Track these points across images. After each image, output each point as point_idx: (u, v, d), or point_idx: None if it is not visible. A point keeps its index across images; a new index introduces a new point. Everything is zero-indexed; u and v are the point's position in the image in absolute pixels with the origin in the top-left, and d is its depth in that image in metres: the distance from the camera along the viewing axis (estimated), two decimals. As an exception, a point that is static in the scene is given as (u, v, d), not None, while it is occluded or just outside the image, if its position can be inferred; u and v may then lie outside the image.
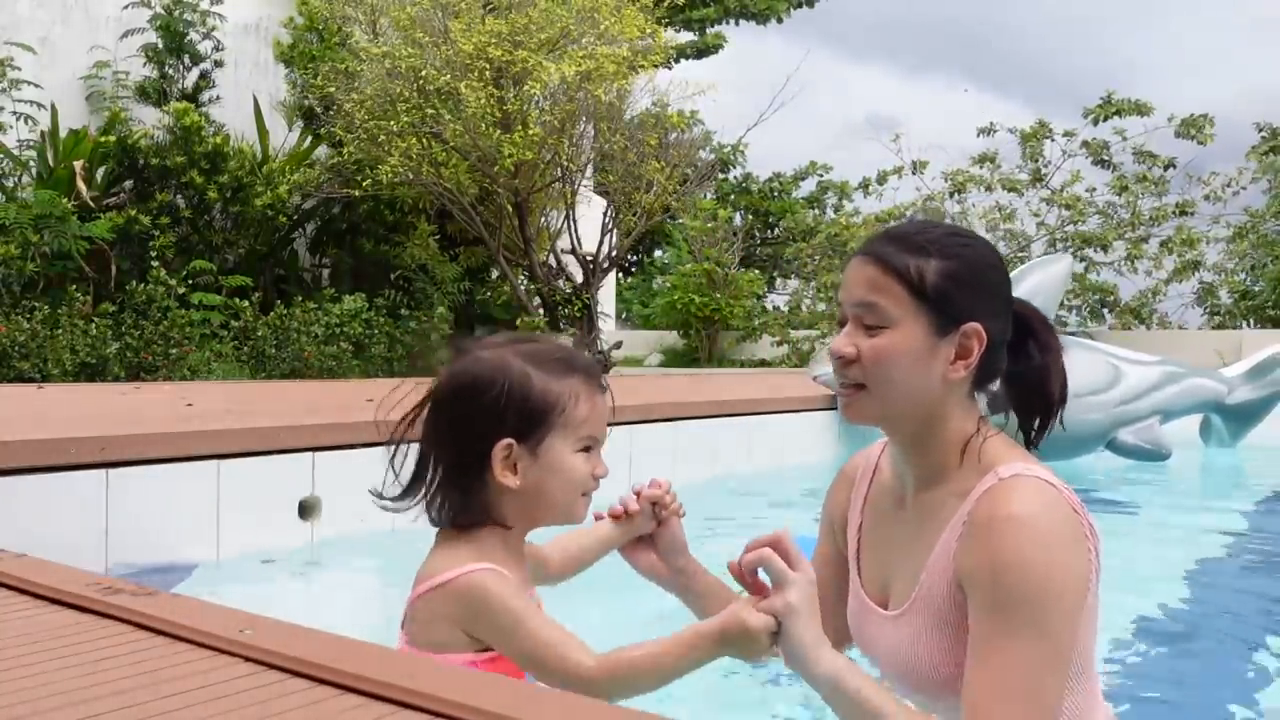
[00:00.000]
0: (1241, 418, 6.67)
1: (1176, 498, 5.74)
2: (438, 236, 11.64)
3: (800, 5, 22.57)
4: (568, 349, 1.54)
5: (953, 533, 1.39)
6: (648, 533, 1.70)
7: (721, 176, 22.85)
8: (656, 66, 11.46)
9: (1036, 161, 15.97)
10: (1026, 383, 1.49)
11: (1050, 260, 6.79)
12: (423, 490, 1.48)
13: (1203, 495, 6.00)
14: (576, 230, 11.72)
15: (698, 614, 1.67)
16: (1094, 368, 6.05)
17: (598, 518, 1.69)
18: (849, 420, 1.49)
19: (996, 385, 1.51)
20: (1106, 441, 6.01)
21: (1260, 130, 16.13)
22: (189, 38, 10.82)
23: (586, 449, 1.48)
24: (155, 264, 9.07)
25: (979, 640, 1.32)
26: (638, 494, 1.69)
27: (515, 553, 1.50)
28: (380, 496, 1.49)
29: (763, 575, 1.35)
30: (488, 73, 9.99)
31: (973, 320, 1.42)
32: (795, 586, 1.28)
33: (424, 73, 10.16)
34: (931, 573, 1.42)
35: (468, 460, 1.44)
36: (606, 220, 12.02)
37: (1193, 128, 15.18)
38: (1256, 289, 15.71)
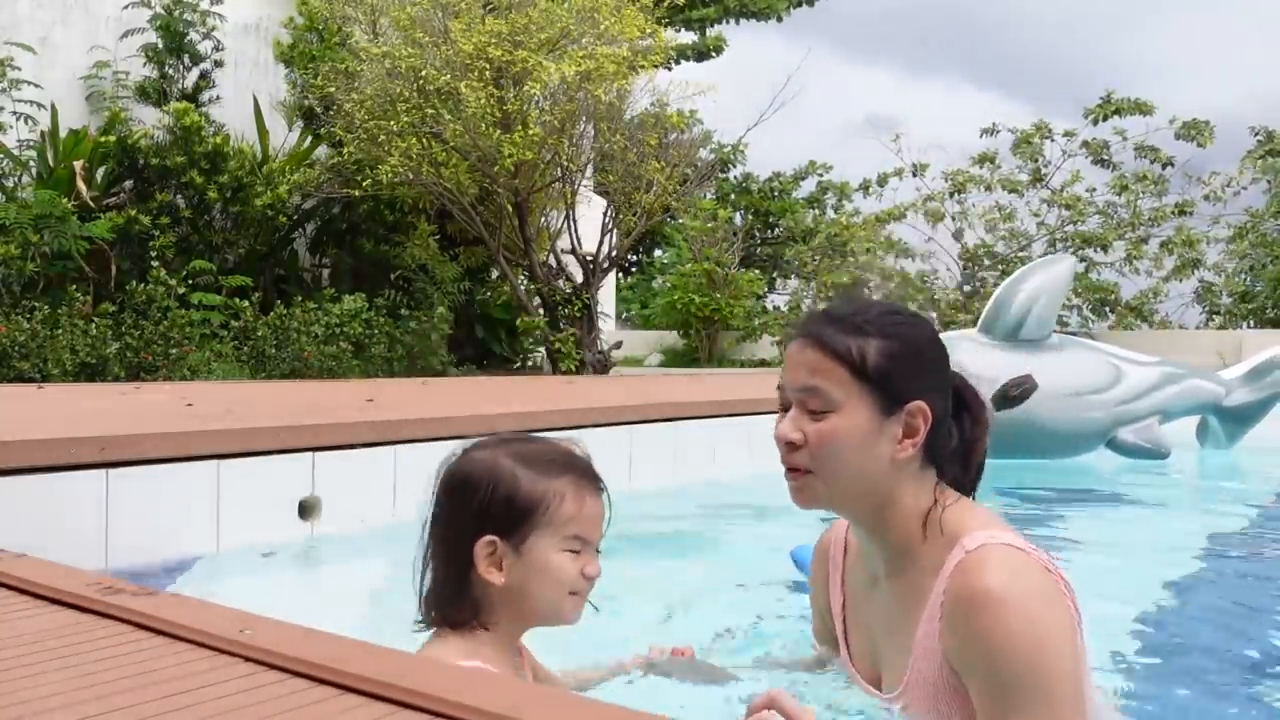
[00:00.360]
0: (1238, 420, 6.68)
1: (1175, 496, 5.75)
2: (438, 236, 11.64)
3: (800, 4, 22.55)
4: (564, 450, 1.54)
5: (932, 613, 1.39)
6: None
7: (721, 176, 22.84)
8: (656, 67, 11.46)
9: (1036, 161, 15.98)
10: (955, 454, 1.50)
11: (1053, 261, 6.80)
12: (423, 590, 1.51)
13: (1201, 494, 6.01)
14: (576, 230, 11.71)
15: None
16: (1095, 367, 6.07)
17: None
18: (800, 506, 1.48)
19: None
20: (1107, 440, 6.03)
21: (1255, 134, 16.13)
22: (189, 38, 10.82)
23: (575, 549, 1.49)
24: (155, 264, 9.07)
25: None
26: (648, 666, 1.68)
27: (506, 651, 1.51)
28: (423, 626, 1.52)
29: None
30: (488, 73, 9.99)
31: (917, 398, 1.42)
32: None
33: (424, 73, 10.16)
34: (918, 655, 1.41)
35: (458, 558, 1.47)
36: (606, 220, 12.02)
37: (1193, 130, 15.17)
38: (1256, 289, 15.72)
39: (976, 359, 5.54)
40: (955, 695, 1.38)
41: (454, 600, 1.48)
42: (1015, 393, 5.24)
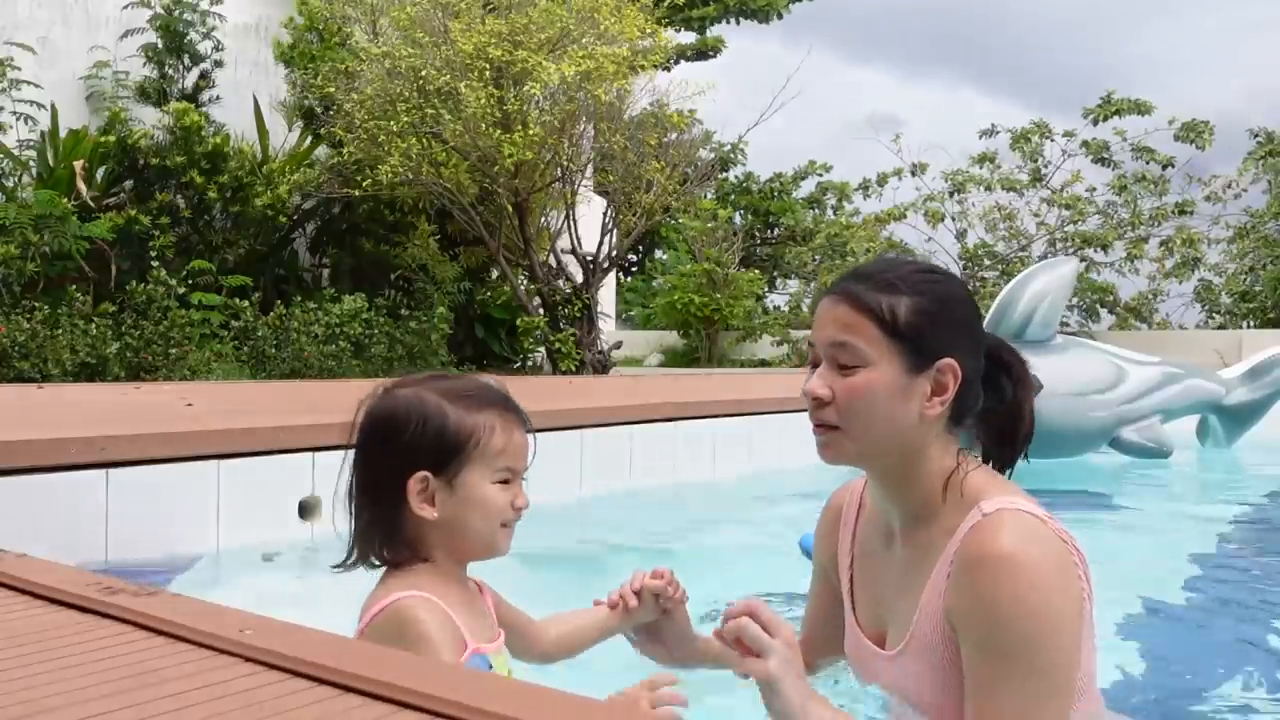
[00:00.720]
0: (1238, 419, 6.74)
1: (1178, 492, 5.81)
2: (438, 236, 11.64)
3: (799, 0, 22.55)
4: (486, 384, 1.57)
5: (941, 571, 1.40)
6: (651, 621, 1.70)
7: (721, 176, 22.83)
8: (656, 67, 11.47)
9: (1036, 161, 15.96)
10: (1000, 417, 1.49)
11: (1057, 263, 6.94)
12: (357, 533, 1.52)
13: (1202, 491, 6.05)
14: (576, 230, 11.72)
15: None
16: (1098, 368, 6.17)
17: (596, 604, 1.71)
18: (826, 461, 1.49)
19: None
20: (1110, 438, 6.12)
21: (1255, 136, 16.10)
22: (189, 38, 10.82)
23: (505, 481, 1.51)
24: (155, 264, 9.06)
25: (979, 685, 1.32)
26: (637, 591, 1.68)
27: (451, 582, 1.52)
28: (342, 566, 1.54)
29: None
30: (488, 73, 9.99)
31: (947, 356, 1.42)
32: (775, 654, 1.30)
33: (424, 73, 10.16)
34: (924, 613, 1.42)
35: (389, 496, 1.48)
36: (606, 220, 12.02)
37: (1192, 132, 15.14)
38: (1256, 289, 15.71)
39: None
40: (954, 656, 1.38)
41: (388, 539, 1.49)
42: None
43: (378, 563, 1.52)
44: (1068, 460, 6.08)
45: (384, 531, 1.50)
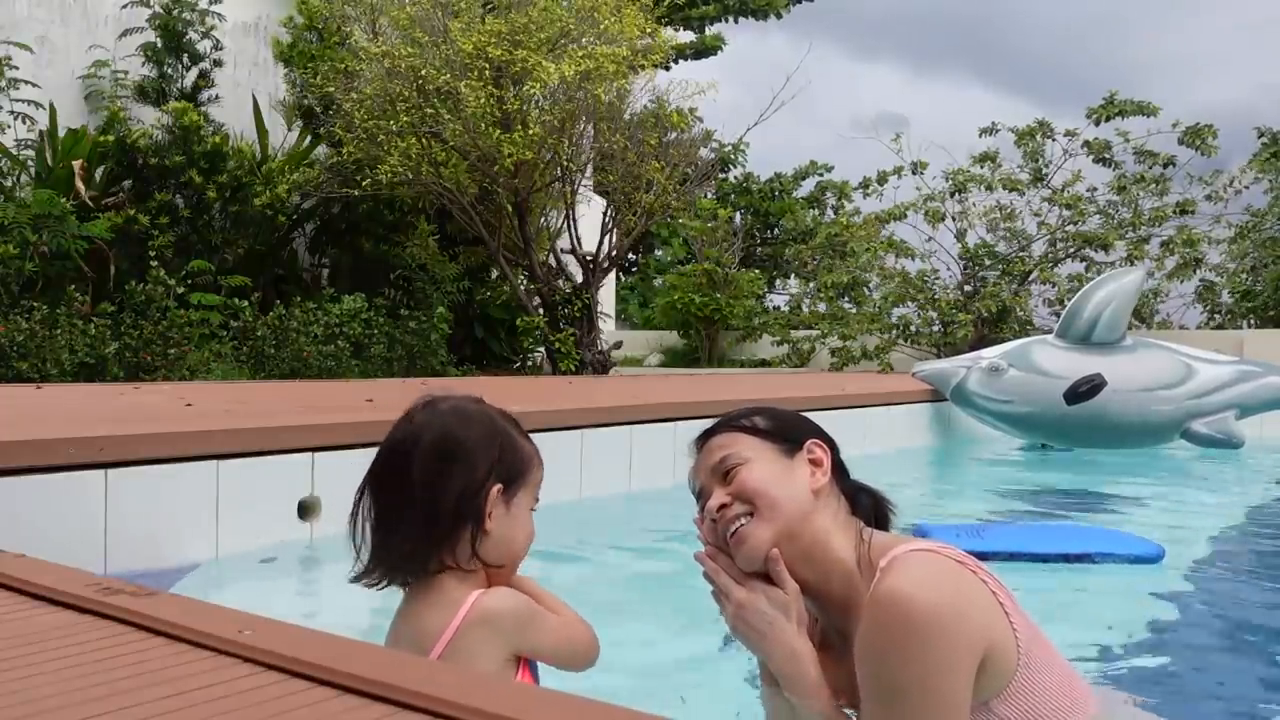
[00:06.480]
0: None
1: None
2: (437, 236, 11.63)
3: (799, 0, 22.53)
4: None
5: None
6: None
7: (722, 176, 22.80)
8: (656, 67, 11.45)
9: (1038, 161, 15.93)
10: (874, 507, 1.66)
11: (1121, 272, 7.51)
12: (396, 543, 1.55)
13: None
14: (576, 230, 11.71)
15: None
16: (1166, 366, 6.55)
17: None
18: (750, 557, 1.55)
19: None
20: (1180, 431, 6.48)
21: (1261, 136, 16.05)
22: (188, 37, 10.81)
23: (534, 509, 1.60)
24: (154, 264, 9.05)
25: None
26: None
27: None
28: (360, 579, 1.60)
29: None
30: (487, 72, 9.98)
31: (809, 438, 1.62)
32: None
33: (424, 72, 10.15)
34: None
35: (466, 507, 1.52)
36: (606, 220, 12.01)
37: (1196, 137, 15.07)
38: (1258, 289, 15.69)
39: (1053, 360, 6.25)
40: None
41: (456, 545, 1.53)
42: (1084, 389, 6.19)
43: (430, 571, 1.54)
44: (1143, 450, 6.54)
45: (453, 538, 1.52)
